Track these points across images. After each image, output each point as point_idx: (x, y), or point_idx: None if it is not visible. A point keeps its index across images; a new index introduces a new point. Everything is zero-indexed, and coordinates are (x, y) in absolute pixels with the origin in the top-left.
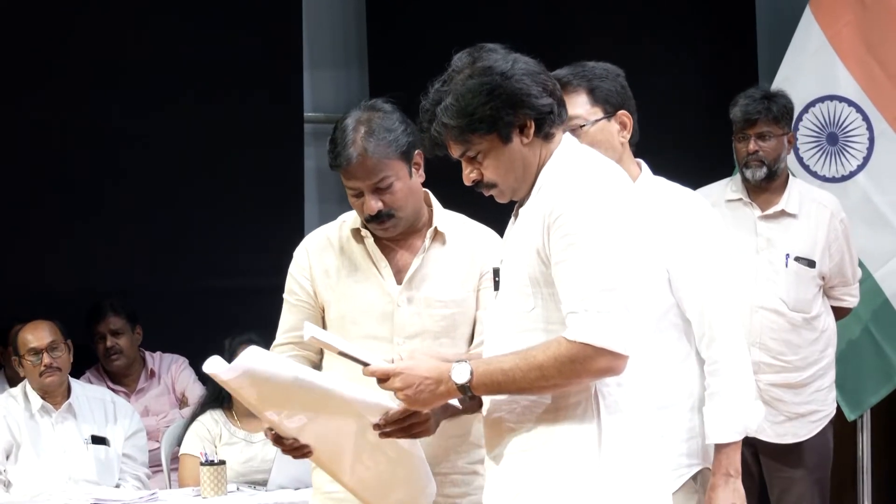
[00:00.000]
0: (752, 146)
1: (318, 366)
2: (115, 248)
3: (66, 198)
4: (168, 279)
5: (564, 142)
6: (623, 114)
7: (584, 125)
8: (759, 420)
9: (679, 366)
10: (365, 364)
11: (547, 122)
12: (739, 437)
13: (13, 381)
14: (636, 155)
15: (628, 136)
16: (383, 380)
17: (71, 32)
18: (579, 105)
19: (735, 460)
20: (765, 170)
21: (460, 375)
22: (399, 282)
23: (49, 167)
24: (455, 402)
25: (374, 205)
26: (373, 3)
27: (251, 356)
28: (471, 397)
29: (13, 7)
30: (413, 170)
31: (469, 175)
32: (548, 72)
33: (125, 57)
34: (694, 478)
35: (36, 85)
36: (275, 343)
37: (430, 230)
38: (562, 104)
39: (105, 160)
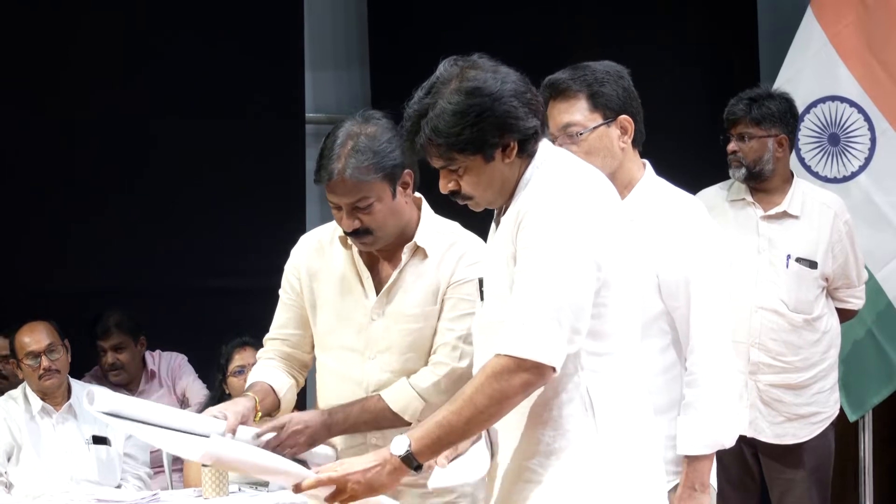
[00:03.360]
0: (731, 146)
1: (307, 364)
2: (117, 248)
3: (68, 199)
4: (169, 279)
5: (543, 151)
6: (624, 118)
7: (582, 132)
8: (735, 436)
9: (665, 374)
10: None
11: (531, 142)
12: (709, 451)
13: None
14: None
15: (629, 141)
16: (337, 491)
17: (76, 34)
18: (578, 111)
19: (703, 474)
20: (743, 170)
21: (399, 448)
22: (378, 294)
23: (51, 168)
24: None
25: (350, 223)
26: (374, 4)
27: (216, 445)
28: (417, 467)
29: (18, 9)
30: (399, 189)
31: (447, 185)
32: (533, 88)
33: (127, 58)
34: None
35: (37, 87)
36: (266, 337)
37: (410, 245)
38: (545, 122)
39: (107, 161)
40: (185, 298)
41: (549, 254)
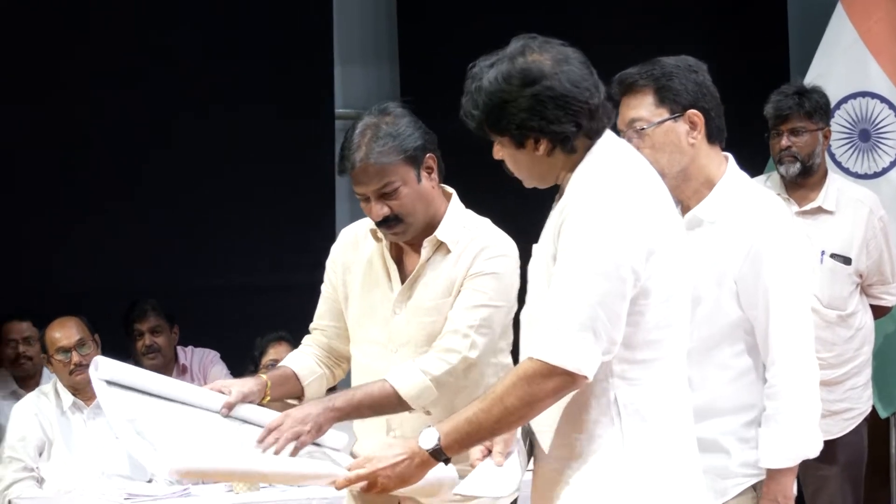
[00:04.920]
0: (784, 142)
1: (348, 357)
2: (148, 245)
3: (100, 197)
4: (199, 276)
5: (602, 144)
6: (693, 113)
7: (646, 127)
8: (818, 447)
9: (739, 378)
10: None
11: (563, 144)
12: (791, 465)
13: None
14: None
15: (700, 136)
16: (368, 485)
17: (106, 25)
18: (644, 107)
19: (786, 487)
20: (798, 165)
21: (427, 441)
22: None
23: (81, 163)
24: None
25: (380, 210)
26: None
27: (189, 460)
28: (446, 460)
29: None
30: (424, 174)
31: (496, 154)
32: (589, 91)
33: (157, 54)
34: (754, 487)
35: (62, 77)
36: (310, 327)
37: (431, 238)
38: (591, 131)
39: (136, 157)
40: (215, 295)
41: (589, 260)
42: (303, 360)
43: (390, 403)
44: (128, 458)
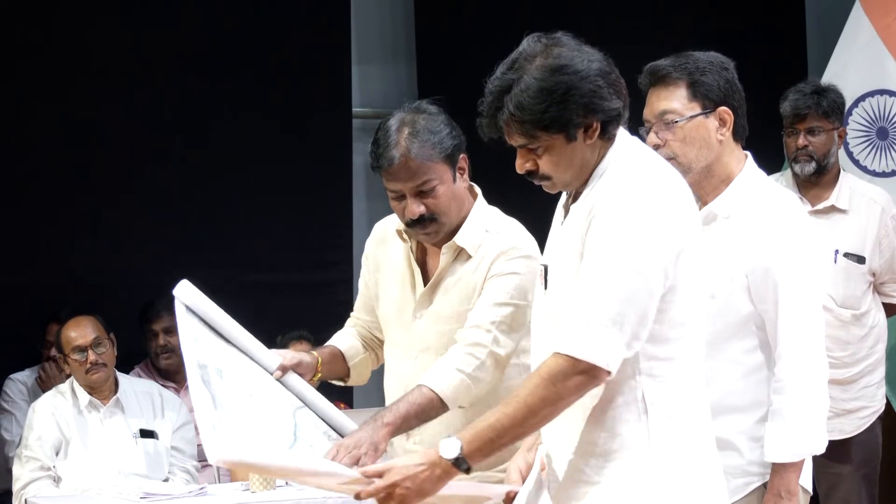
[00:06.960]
0: (801, 141)
1: (371, 343)
2: (163, 242)
3: (117, 195)
4: (215, 274)
5: (621, 140)
6: (723, 110)
7: (678, 120)
8: (824, 444)
9: (751, 375)
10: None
11: (613, 124)
12: (796, 459)
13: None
14: None
15: (728, 133)
16: (385, 497)
17: (130, 20)
18: (676, 99)
19: (789, 482)
20: (814, 165)
21: (449, 450)
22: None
23: (98, 160)
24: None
25: (416, 209)
26: None
27: (241, 452)
28: (467, 469)
29: None
30: (457, 174)
31: (524, 164)
32: (616, 69)
33: (177, 53)
34: (766, 485)
35: (82, 74)
36: (351, 314)
37: (450, 244)
38: (627, 105)
39: (154, 154)
40: (231, 293)
41: (619, 256)
42: (348, 341)
43: (434, 407)
44: (144, 457)
